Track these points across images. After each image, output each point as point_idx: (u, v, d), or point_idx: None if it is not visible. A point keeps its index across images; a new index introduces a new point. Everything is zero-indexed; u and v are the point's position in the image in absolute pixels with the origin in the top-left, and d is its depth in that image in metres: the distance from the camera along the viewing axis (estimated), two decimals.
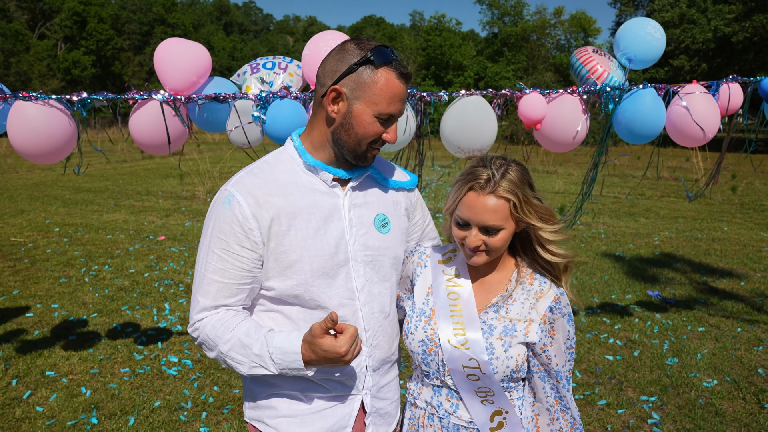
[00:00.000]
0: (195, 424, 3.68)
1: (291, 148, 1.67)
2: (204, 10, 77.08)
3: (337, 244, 1.60)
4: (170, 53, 3.14)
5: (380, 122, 1.54)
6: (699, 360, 4.67)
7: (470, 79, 45.68)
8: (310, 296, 1.58)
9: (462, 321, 1.65)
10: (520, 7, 46.57)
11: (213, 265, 1.54)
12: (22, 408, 3.83)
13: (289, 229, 1.55)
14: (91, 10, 51.14)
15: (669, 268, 7.45)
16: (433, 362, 1.68)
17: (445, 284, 1.73)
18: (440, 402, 1.71)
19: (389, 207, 1.75)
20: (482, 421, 1.66)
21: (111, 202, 12.17)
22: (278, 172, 1.61)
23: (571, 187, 15.00)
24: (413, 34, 58.80)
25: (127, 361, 4.55)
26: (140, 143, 3.20)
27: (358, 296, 1.65)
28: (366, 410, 1.73)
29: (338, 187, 1.64)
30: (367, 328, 1.67)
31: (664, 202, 12.95)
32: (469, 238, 1.60)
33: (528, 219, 1.59)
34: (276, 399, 1.66)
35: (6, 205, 11.65)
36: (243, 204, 1.52)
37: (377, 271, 1.69)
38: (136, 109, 3.17)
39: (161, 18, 59.86)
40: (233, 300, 1.57)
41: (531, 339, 1.62)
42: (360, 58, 1.51)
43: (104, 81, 54.84)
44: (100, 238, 8.86)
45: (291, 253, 1.55)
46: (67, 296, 6.10)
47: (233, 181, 1.59)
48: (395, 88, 1.52)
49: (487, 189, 1.55)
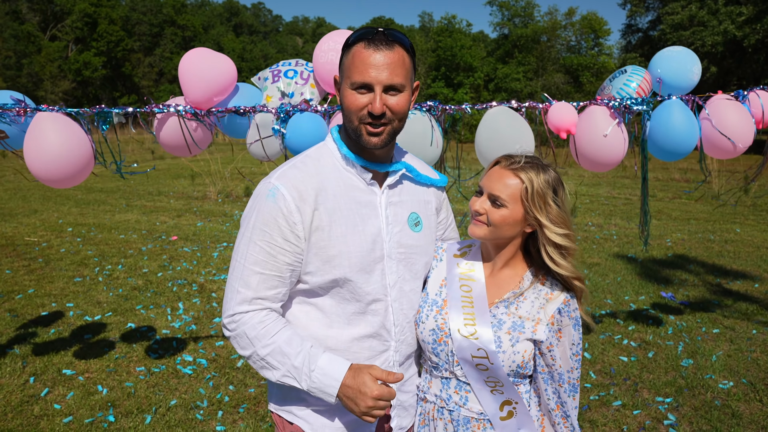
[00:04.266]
0: (211, 423, 3.70)
1: (330, 141, 1.71)
2: (214, 12, 77.36)
3: (374, 240, 1.63)
4: (195, 65, 3.03)
5: (358, 94, 1.54)
6: (714, 361, 4.64)
7: (480, 81, 45.58)
8: (348, 289, 1.61)
9: (473, 312, 1.68)
10: (530, 9, 46.42)
11: (254, 256, 1.55)
12: (40, 405, 3.86)
13: (331, 224, 1.58)
14: (102, 11, 51.53)
15: (682, 270, 7.41)
16: (443, 352, 1.71)
17: (458, 276, 1.76)
18: (449, 395, 1.74)
19: (421, 206, 1.78)
20: (492, 410, 1.68)
21: (123, 203, 12.25)
22: (321, 167, 1.64)
23: (582, 188, 14.95)
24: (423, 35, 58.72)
25: (143, 360, 4.58)
26: (166, 145, 3.20)
27: (390, 292, 1.68)
28: (392, 403, 1.74)
29: (376, 185, 1.68)
30: (396, 324, 1.70)
31: (676, 204, 12.89)
32: (476, 203, 1.68)
33: (536, 212, 1.63)
34: (308, 393, 1.68)
35: (19, 205, 11.75)
36: (287, 197, 1.54)
37: (409, 268, 1.72)
38: (161, 115, 3.16)
39: (171, 19, 60.17)
40: (273, 292, 1.58)
41: (539, 337, 1.65)
42: (344, 44, 1.59)
43: (114, 82, 55.19)
44: (113, 237, 8.92)
45: (331, 248, 1.58)
46: (81, 295, 6.14)
47: (277, 174, 1.61)
48: (363, 56, 1.53)
49: (510, 165, 1.66)
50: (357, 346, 1.65)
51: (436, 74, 47.07)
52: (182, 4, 63.26)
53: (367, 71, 1.51)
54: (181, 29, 61.50)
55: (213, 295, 6.20)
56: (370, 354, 1.67)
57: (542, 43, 43.28)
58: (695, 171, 18.24)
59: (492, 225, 1.65)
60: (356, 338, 1.65)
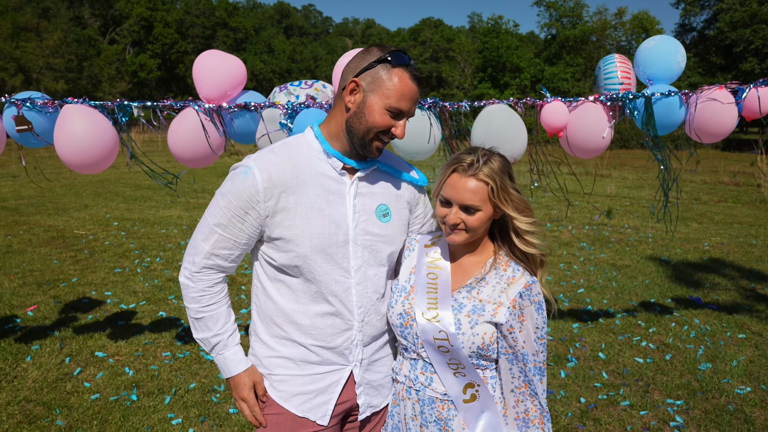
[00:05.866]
0: (225, 406, 3.89)
1: (311, 134, 1.84)
2: (265, 14, 78.95)
3: (338, 225, 1.77)
4: (207, 64, 3.30)
5: (390, 115, 1.71)
6: (734, 366, 4.56)
7: (527, 81, 45.09)
8: (307, 269, 1.75)
9: (436, 297, 1.79)
10: (579, 9, 45.63)
11: (218, 218, 1.74)
12: (72, 383, 4.15)
13: (296, 206, 1.73)
14: (158, 15, 53.42)
15: (716, 274, 7.24)
16: (410, 335, 1.81)
17: (426, 264, 1.87)
18: (416, 375, 1.84)
19: (392, 199, 1.90)
20: (455, 393, 1.77)
21: (168, 199, 12.74)
22: (296, 154, 1.78)
23: (624, 191, 14.68)
24: (471, 36, 58.41)
25: (169, 346, 4.84)
26: (180, 158, 3.43)
27: (353, 275, 1.80)
28: (356, 381, 1.87)
29: (347, 175, 1.81)
30: (359, 305, 1.82)
31: (720, 207, 12.51)
32: (449, 216, 1.75)
33: (503, 206, 1.72)
34: (274, 360, 1.85)
35: (72, 200, 12.37)
36: (258, 178, 1.69)
37: (374, 255, 1.84)
38: (174, 126, 3.38)
39: (223, 22, 61.80)
40: (226, 252, 1.78)
41: (498, 320, 1.73)
42: (379, 57, 1.69)
43: (168, 83, 57.04)
44: (155, 232, 9.32)
45: (295, 228, 1.72)
46: (119, 285, 6.48)
47: (255, 156, 1.77)
48: (406, 87, 1.69)
49: (469, 171, 1.72)
50: (321, 322, 1.79)
51: (483, 75, 46.81)
52: (234, 7, 64.89)
53: (408, 102, 1.70)
54: (233, 31, 63.11)
55: (242, 287, 6.45)
56: (333, 331, 1.80)
57: (591, 43, 42.45)
58: (746, 174, 17.64)
59: (471, 230, 1.75)
60: (319, 314, 1.79)
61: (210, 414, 3.80)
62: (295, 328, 1.80)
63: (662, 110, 3.45)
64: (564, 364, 4.61)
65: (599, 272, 7.31)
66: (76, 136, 3.16)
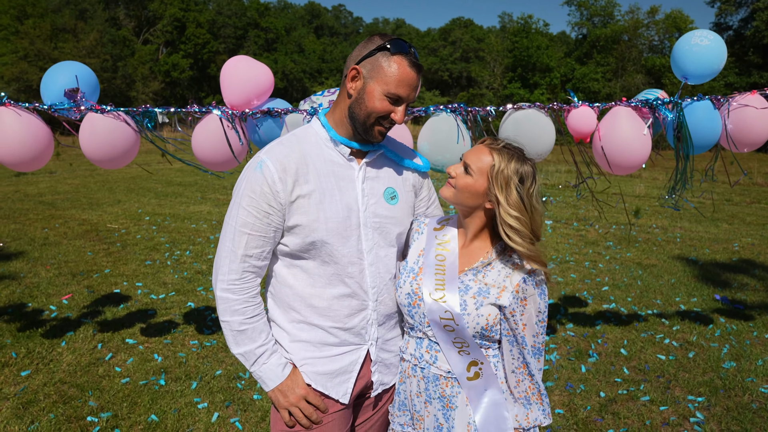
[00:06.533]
0: (249, 392, 4.01)
1: (317, 124, 1.92)
2: (296, 14, 79.56)
3: (350, 209, 1.84)
4: (234, 71, 3.40)
5: (389, 101, 1.77)
6: (759, 366, 4.52)
7: (557, 80, 44.65)
8: (326, 251, 1.82)
9: (443, 279, 1.86)
10: (610, 8, 45.00)
11: (243, 219, 1.80)
12: (104, 367, 4.31)
13: (310, 193, 1.80)
14: (190, 15, 54.34)
15: (745, 274, 7.14)
16: (417, 314, 1.89)
17: (435, 247, 1.95)
18: (422, 353, 1.91)
19: (398, 182, 1.98)
20: (460, 370, 1.84)
21: (198, 195, 13.00)
22: (305, 144, 1.86)
23: (653, 191, 14.48)
24: (501, 36, 58.01)
25: (197, 335, 4.98)
26: (204, 161, 3.56)
27: (366, 257, 1.88)
28: (372, 359, 1.95)
29: (354, 161, 1.89)
30: (373, 285, 1.90)
31: (753, 209, 12.27)
32: (453, 167, 1.88)
33: (496, 189, 1.77)
34: (295, 344, 1.92)
35: (106, 195, 12.72)
36: (272, 169, 1.77)
37: (384, 236, 1.92)
38: (198, 130, 3.50)
39: (255, 22, 62.55)
40: (258, 251, 1.82)
41: (502, 302, 1.79)
42: (379, 45, 1.76)
43: (200, 82, 57.91)
44: (185, 227, 9.55)
45: (311, 213, 1.80)
46: (150, 276, 6.68)
47: (265, 150, 1.85)
48: (405, 74, 1.75)
49: (490, 144, 1.83)
50: (338, 304, 1.87)
51: (513, 75, 46.48)
52: (265, 7, 65.61)
53: (406, 89, 1.76)
54: (264, 31, 63.83)
55: None
56: (350, 311, 1.88)
57: (623, 42, 41.80)
58: None
59: (457, 189, 1.83)
60: (336, 297, 1.86)
61: (235, 399, 3.91)
62: (312, 311, 1.87)
63: (697, 123, 3.43)
64: (585, 359, 4.62)
65: (625, 271, 7.26)
66: (99, 135, 3.37)
